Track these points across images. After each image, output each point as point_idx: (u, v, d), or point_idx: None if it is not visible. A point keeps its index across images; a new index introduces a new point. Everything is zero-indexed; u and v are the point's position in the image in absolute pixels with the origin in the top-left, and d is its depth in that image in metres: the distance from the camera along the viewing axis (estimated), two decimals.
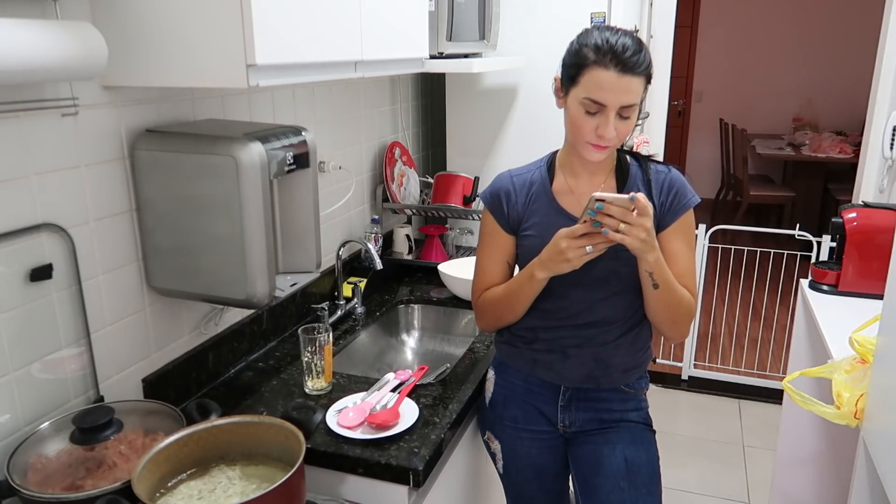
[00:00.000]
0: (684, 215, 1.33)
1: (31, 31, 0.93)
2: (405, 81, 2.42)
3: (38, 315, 1.14)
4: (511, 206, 1.38)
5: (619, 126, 1.23)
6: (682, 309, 1.32)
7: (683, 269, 1.33)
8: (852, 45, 6.11)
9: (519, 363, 1.44)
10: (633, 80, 1.20)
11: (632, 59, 1.19)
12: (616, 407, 1.42)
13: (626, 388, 1.42)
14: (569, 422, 1.43)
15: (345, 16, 1.33)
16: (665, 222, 1.32)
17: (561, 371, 1.39)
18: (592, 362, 1.37)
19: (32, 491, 1.00)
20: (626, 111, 1.22)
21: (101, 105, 1.21)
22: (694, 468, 2.81)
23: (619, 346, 1.37)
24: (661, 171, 1.35)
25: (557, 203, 1.36)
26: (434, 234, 2.33)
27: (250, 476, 1.10)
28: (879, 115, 2.58)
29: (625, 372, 1.40)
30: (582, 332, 1.36)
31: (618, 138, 1.24)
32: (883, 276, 1.13)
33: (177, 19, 1.09)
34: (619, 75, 1.18)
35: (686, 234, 1.34)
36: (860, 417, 1.23)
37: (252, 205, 1.21)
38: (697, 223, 3.23)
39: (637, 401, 1.44)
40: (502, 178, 1.41)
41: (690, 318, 1.35)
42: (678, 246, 1.33)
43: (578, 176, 1.36)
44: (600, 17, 2.21)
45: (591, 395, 1.41)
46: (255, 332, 1.68)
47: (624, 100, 1.20)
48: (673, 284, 1.28)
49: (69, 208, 1.18)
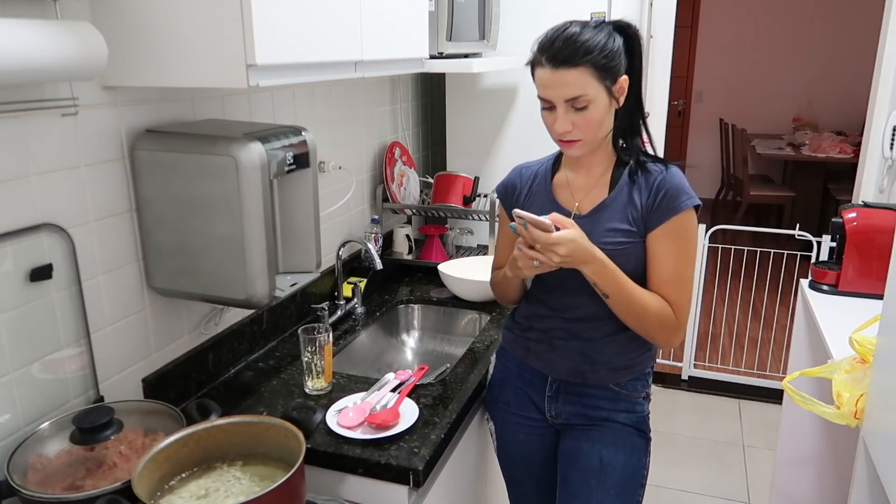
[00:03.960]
0: (674, 218, 1.26)
1: (31, 31, 0.93)
2: (405, 81, 2.42)
3: (38, 315, 1.14)
4: (515, 197, 1.42)
5: (577, 119, 1.22)
6: (648, 319, 1.27)
7: (667, 276, 1.28)
8: (852, 45, 6.11)
9: (515, 349, 1.47)
10: (569, 73, 1.18)
11: (563, 52, 1.18)
12: (604, 405, 1.39)
13: (617, 387, 1.38)
14: (555, 412, 1.43)
15: (345, 16, 1.33)
16: (650, 224, 1.28)
17: (549, 362, 1.40)
18: (579, 356, 1.36)
19: (32, 491, 1.00)
20: (577, 103, 1.20)
21: (101, 105, 1.21)
22: (694, 468, 2.80)
23: (606, 344, 1.35)
24: (654, 171, 1.29)
25: (554, 197, 1.36)
26: (434, 234, 2.33)
27: (250, 476, 1.10)
28: (879, 115, 2.58)
29: (614, 371, 1.37)
30: (570, 326, 1.36)
31: (582, 131, 1.23)
32: (883, 276, 1.13)
33: (177, 19, 1.09)
34: (553, 70, 1.19)
35: (675, 239, 1.27)
36: (860, 417, 1.23)
37: (252, 205, 1.21)
38: (697, 223, 3.24)
39: (630, 402, 1.40)
40: (514, 170, 1.45)
41: (666, 329, 1.29)
42: (664, 250, 1.28)
43: (577, 171, 1.36)
44: (600, 16, 2.20)
45: (577, 390, 1.40)
46: (255, 332, 1.68)
47: (564, 94, 1.20)
48: (628, 294, 1.25)
49: (69, 208, 1.18)
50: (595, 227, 1.29)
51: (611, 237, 1.28)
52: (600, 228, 1.29)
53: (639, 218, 1.28)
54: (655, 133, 3.07)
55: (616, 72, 1.22)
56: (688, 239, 1.29)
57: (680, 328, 1.30)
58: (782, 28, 6.36)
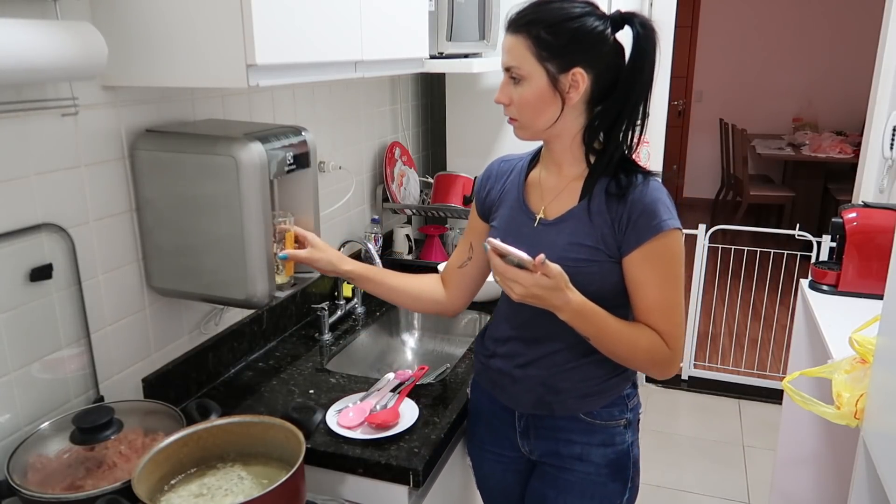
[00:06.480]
0: (654, 240, 1.10)
1: (31, 31, 0.93)
2: (405, 81, 2.42)
3: (38, 315, 1.14)
4: (487, 193, 1.31)
5: (514, 92, 1.13)
6: (638, 356, 1.15)
7: (653, 304, 1.13)
8: (852, 45, 6.11)
9: (483, 381, 1.35)
10: (510, 39, 1.11)
11: (517, 15, 1.11)
12: (578, 439, 1.25)
13: (589, 417, 1.23)
14: (529, 449, 1.32)
15: (345, 16, 1.33)
16: (626, 245, 1.12)
17: (513, 395, 1.28)
18: (541, 387, 1.23)
19: (32, 491, 1.00)
20: (513, 73, 1.12)
21: (101, 105, 1.21)
22: (694, 468, 2.81)
23: (570, 371, 1.21)
24: (631, 184, 1.12)
25: (524, 197, 1.24)
26: (434, 234, 2.33)
27: (250, 476, 1.10)
28: (879, 115, 2.58)
29: (582, 398, 1.22)
30: (530, 351, 1.23)
31: (517, 109, 1.14)
32: (883, 276, 1.13)
33: (177, 19, 1.09)
34: (506, 35, 1.13)
35: (658, 263, 1.12)
36: (860, 417, 1.23)
37: (252, 205, 1.21)
38: (697, 223, 3.26)
39: (607, 434, 1.24)
40: (493, 163, 1.34)
41: (659, 363, 1.16)
42: (645, 275, 1.13)
43: (549, 169, 1.22)
44: None
45: (547, 423, 1.26)
46: (255, 332, 1.68)
47: (505, 60, 1.13)
48: (613, 336, 1.12)
49: (69, 208, 1.18)
50: (558, 239, 1.16)
51: (573, 253, 1.14)
52: (563, 241, 1.15)
53: (609, 236, 1.13)
54: (655, 133, 3.08)
55: (565, 58, 1.08)
56: (672, 262, 1.13)
57: (674, 360, 1.16)
58: (782, 28, 6.36)
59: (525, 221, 1.22)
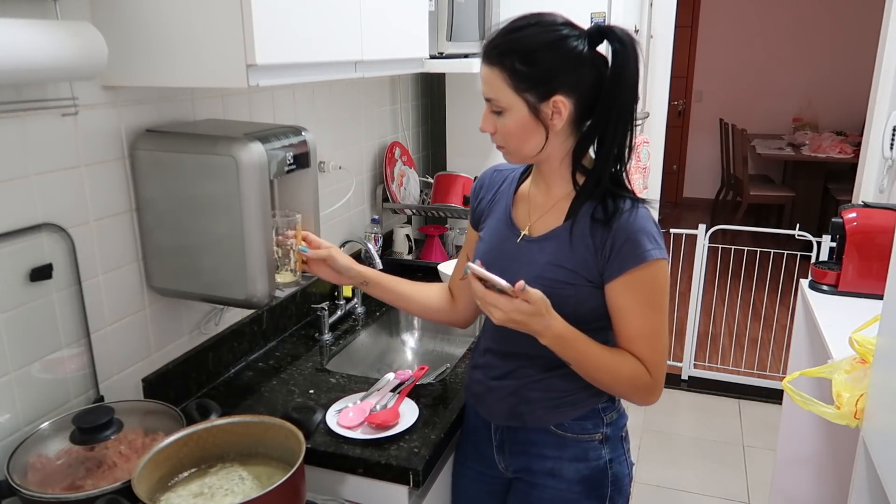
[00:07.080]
0: (638, 269, 1.08)
1: (31, 31, 0.93)
2: (405, 81, 2.42)
3: (38, 315, 1.14)
4: (478, 202, 1.31)
5: (497, 122, 1.11)
6: (619, 383, 1.14)
7: (635, 331, 1.12)
8: (852, 45, 6.11)
9: (467, 393, 1.35)
10: (486, 70, 1.08)
11: (489, 46, 1.07)
12: (550, 453, 1.22)
13: (560, 430, 1.21)
14: (504, 465, 1.29)
15: (345, 16, 1.33)
16: (609, 272, 1.10)
17: (488, 405, 1.26)
18: (512, 397, 1.22)
19: (32, 491, 1.00)
20: (493, 105, 1.10)
21: (101, 105, 1.21)
22: (694, 468, 2.81)
23: (539, 381, 1.19)
24: (619, 210, 1.10)
25: (510, 211, 1.23)
26: (434, 234, 2.33)
27: (250, 476, 1.10)
28: (879, 115, 2.58)
29: (553, 409, 1.20)
30: (505, 363, 1.23)
31: (502, 138, 1.13)
32: (883, 276, 1.13)
33: (177, 19, 1.09)
34: (482, 65, 1.09)
35: (641, 291, 1.10)
36: (860, 417, 1.23)
37: (252, 205, 1.21)
38: (697, 223, 3.27)
39: (580, 449, 1.21)
40: (486, 172, 1.33)
41: (640, 390, 1.14)
42: (627, 303, 1.11)
43: (538, 185, 1.21)
44: (600, 16, 2.21)
45: (520, 437, 1.25)
46: (255, 332, 1.68)
47: (484, 91, 1.10)
48: (594, 363, 1.11)
49: (69, 208, 1.18)
50: (538, 257, 1.15)
51: (550, 273, 1.13)
52: (543, 260, 1.15)
53: (591, 261, 1.11)
54: (655, 133, 3.08)
55: (543, 87, 1.05)
56: (655, 291, 1.11)
57: (656, 387, 1.15)
58: (782, 28, 6.36)
59: (509, 236, 1.21)
